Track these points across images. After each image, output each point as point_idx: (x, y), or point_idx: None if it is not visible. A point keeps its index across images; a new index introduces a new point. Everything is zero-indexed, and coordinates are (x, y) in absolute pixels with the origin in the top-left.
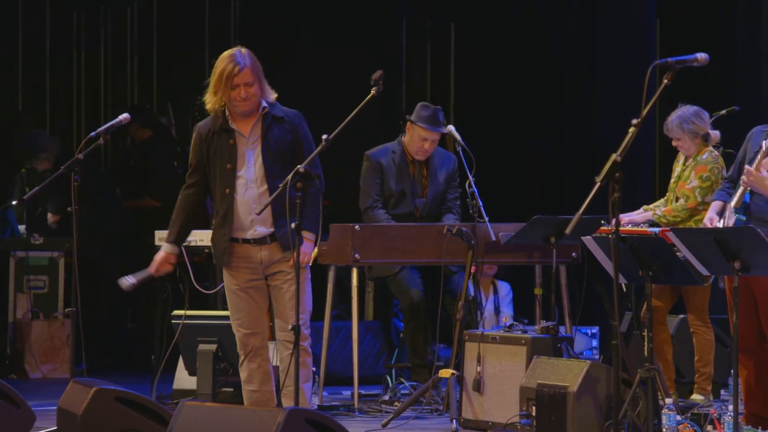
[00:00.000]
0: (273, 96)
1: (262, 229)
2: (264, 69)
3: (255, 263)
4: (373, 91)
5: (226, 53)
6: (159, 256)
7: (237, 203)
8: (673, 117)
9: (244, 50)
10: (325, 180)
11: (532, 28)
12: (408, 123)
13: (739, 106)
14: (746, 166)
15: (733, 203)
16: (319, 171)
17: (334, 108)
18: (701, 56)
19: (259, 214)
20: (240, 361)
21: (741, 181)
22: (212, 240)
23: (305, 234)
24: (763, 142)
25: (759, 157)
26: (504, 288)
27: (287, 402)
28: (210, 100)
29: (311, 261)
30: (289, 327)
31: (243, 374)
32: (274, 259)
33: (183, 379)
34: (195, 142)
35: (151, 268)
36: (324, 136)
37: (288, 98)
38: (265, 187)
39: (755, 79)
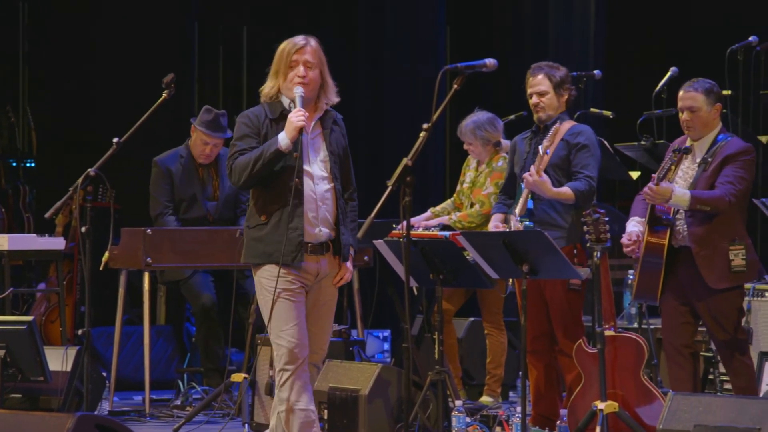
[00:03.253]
0: (335, 100)
1: (325, 231)
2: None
3: (310, 274)
4: (164, 94)
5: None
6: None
7: (305, 197)
8: (468, 122)
9: (311, 37)
10: (113, 185)
11: (326, 33)
12: (192, 126)
13: (527, 112)
14: (525, 174)
15: (517, 211)
16: (354, 181)
17: (125, 111)
18: (490, 62)
19: (47, 216)
20: (284, 378)
21: (523, 184)
22: (266, 236)
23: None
24: (540, 147)
25: (537, 161)
26: None
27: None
28: (268, 85)
29: None
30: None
31: (285, 392)
32: (328, 273)
33: None
34: (246, 126)
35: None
36: (114, 140)
37: (77, 100)
38: (332, 185)
39: None
